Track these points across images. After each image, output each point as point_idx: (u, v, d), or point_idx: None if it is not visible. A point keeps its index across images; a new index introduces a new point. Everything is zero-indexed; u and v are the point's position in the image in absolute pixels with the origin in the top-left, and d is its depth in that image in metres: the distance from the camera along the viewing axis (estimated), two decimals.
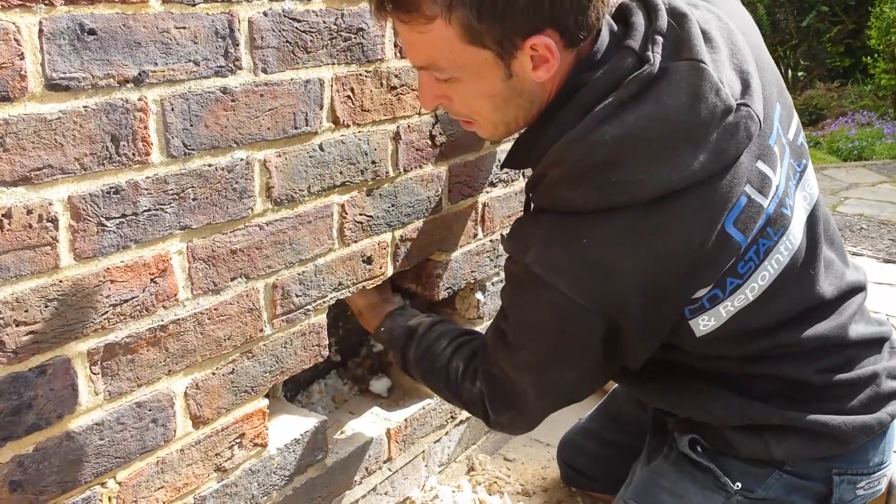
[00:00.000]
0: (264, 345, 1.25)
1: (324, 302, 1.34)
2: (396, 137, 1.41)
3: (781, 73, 5.40)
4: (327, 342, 1.38)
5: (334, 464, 1.46)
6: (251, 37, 1.10)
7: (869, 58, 7.59)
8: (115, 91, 0.95)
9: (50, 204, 0.91)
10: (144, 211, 1.02)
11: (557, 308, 1.10)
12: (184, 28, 1.01)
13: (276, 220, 1.21)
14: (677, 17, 1.11)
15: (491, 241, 1.76)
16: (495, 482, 1.82)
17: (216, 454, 1.22)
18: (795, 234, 1.18)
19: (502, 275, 1.82)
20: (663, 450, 1.42)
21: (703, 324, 1.15)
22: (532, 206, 1.20)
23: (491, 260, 1.78)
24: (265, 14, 1.11)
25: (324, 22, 1.21)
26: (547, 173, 1.10)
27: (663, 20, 1.10)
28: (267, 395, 1.30)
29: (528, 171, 1.56)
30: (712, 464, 1.31)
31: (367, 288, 1.47)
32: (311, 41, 1.20)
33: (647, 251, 1.06)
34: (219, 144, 1.09)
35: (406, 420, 1.62)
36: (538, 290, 1.10)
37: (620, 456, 1.64)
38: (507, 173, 1.74)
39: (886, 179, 4.88)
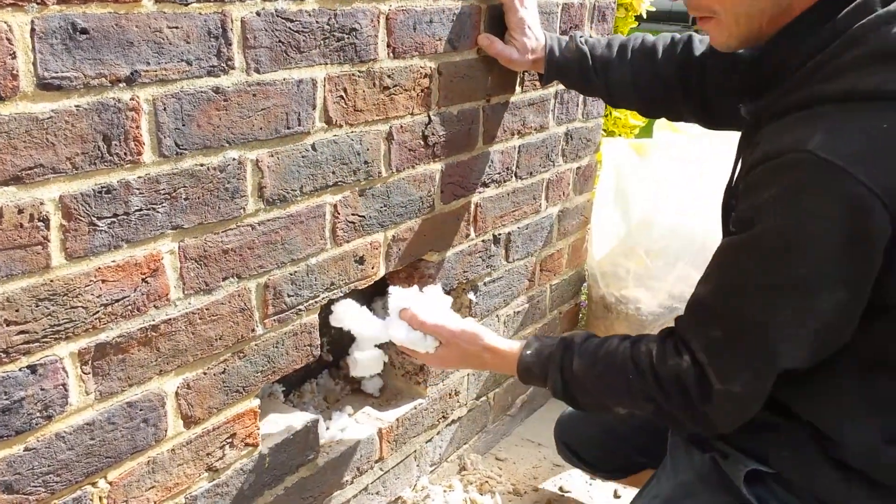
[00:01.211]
0: (256, 345, 1.25)
1: (316, 302, 1.34)
2: (389, 138, 1.41)
3: None
4: (319, 342, 1.38)
5: (326, 463, 1.46)
6: (244, 36, 1.10)
7: None
8: (108, 90, 0.95)
9: (41, 203, 0.91)
10: (136, 210, 1.02)
11: (848, 201, 0.93)
12: (176, 28, 1.01)
13: (269, 220, 1.21)
14: None
15: (483, 241, 1.76)
16: (487, 482, 1.82)
17: (207, 454, 1.22)
18: None
19: (494, 275, 1.83)
20: (693, 460, 1.27)
21: None
22: (766, 124, 1.08)
23: (483, 260, 1.78)
24: (258, 14, 1.11)
25: (317, 22, 1.21)
26: (841, 54, 0.99)
27: None
28: (258, 395, 1.30)
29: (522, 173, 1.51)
30: (754, 499, 1.16)
31: (477, 337, 1.33)
32: (303, 41, 1.19)
33: None
34: (211, 144, 1.09)
35: (398, 420, 1.62)
36: (825, 180, 0.94)
37: (623, 447, 1.57)
38: (499, 174, 1.74)
39: None
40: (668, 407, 1.13)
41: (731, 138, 2.26)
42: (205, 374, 1.17)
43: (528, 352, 1.28)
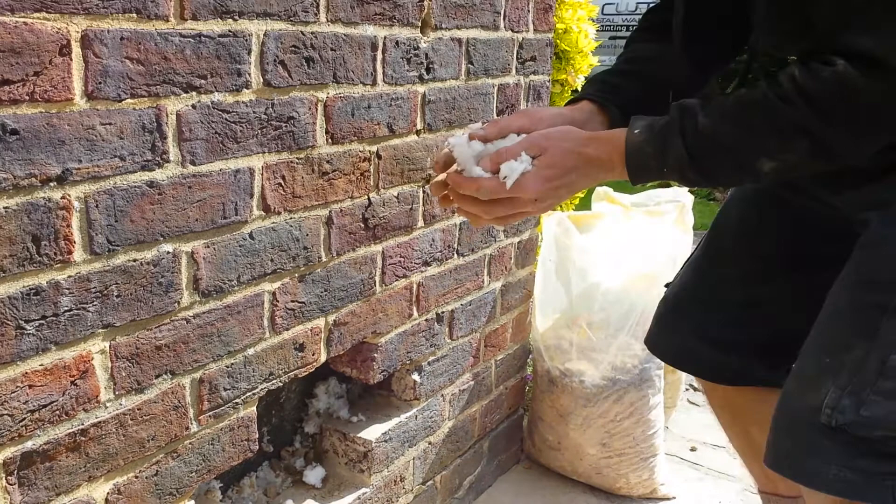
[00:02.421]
0: (190, 443, 1.20)
1: (254, 394, 1.31)
2: (329, 222, 1.40)
3: None
4: (257, 436, 1.34)
5: None
6: (179, 130, 1.09)
7: None
8: (38, 190, 0.93)
9: None
10: (66, 311, 0.98)
11: None
12: (109, 124, 1.00)
13: (204, 313, 1.18)
14: None
15: (426, 320, 1.75)
16: None
17: None
18: None
19: (438, 353, 1.82)
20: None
21: None
22: None
23: (427, 339, 1.77)
24: (194, 107, 1.11)
25: (254, 112, 1.21)
26: None
27: None
28: (194, 495, 1.25)
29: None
30: None
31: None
32: (241, 131, 1.19)
33: None
34: (144, 239, 1.07)
35: None
36: None
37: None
38: (441, 252, 1.74)
39: None
40: (829, 128, 0.95)
41: (665, 211, 2.30)
42: (136, 477, 1.12)
43: (636, 130, 1.04)
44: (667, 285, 1.52)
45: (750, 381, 1.42)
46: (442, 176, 1.11)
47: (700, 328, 1.40)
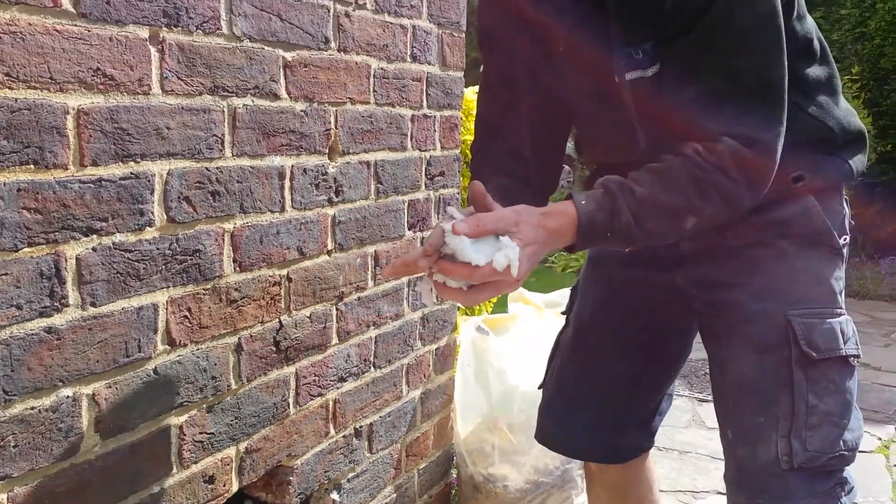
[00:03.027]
0: None
1: None
2: (238, 349, 1.41)
3: None
4: None
5: None
6: (79, 273, 1.10)
7: None
8: None
9: None
10: None
11: None
12: (5, 274, 1.01)
13: (106, 454, 1.17)
14: None
15: (344, 436, 1.75)
16: None
17: None
18: None
19: (357, 469, 1.81)
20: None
21: None
22: None
23: (345, 456, 1.76)
24: (94, 249, 1.12)
25: (157, 248, 1.23)
26: None
27: None
28: None
29: None
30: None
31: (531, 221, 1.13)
32: (143, 269, 1.21)
33: None
34: (43, 385, 1.06)
35: None
36: None
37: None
38: (357, 367, 1.76)
39: None
40: (734, 186, 1.19)
41: None
42: None
43: (583, 201, 1.17)
44: (541, 386, 1.67)
45: (638, 452, 1.60)
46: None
47: (590, 417, 1.56)
